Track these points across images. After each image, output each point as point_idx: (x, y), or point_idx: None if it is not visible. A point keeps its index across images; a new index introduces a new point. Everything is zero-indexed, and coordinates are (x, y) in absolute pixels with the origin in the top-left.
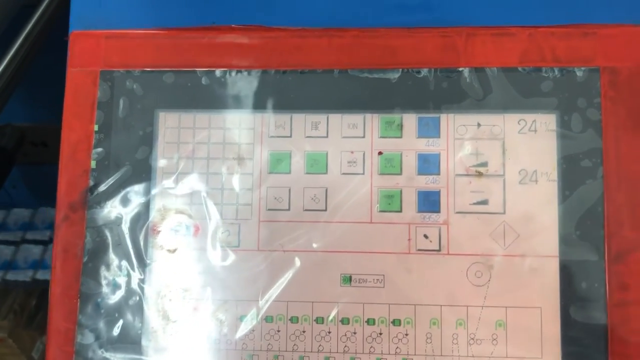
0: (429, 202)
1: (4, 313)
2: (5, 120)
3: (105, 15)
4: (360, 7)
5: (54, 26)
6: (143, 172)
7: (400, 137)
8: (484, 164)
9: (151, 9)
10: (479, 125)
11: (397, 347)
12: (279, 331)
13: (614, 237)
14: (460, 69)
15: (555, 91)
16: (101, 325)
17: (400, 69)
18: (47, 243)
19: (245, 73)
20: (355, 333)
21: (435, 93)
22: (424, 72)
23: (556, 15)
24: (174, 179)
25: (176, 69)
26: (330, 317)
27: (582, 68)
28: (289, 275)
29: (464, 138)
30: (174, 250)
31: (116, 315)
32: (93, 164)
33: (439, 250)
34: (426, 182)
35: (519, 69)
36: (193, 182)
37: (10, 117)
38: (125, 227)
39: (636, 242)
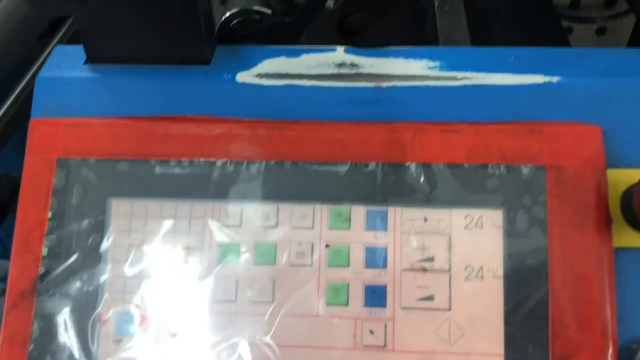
0: (376, 296)
1: None
2: (1, 171)
3: (67, 102)
4: (312, 99)
5: None
6: (93, 260)
7: (349, 229)
8: (431, 259)
9: (113, 97)
10: (425, 219)
11: None
12: None
13: (559, 338)
14: (407, 164)
15: (502, 188)
16: None
17: (349, 162)
18: None
19: (198, 163)
20: None
21: (382, 187)
22: (372, 166)
23: (503, 111)
24: (123, 268)
25: (130, 158)
26: None
27: (528, 165)
28: None
29: (411, 232)
30: (120, 340)
31: None
32: (45, 251)
33: (384, 346)
34: (373, 276)
35: (465, 165)
36: (142, 271)
37: (6, 168)
38: (73, 315)
39: (581, 344)
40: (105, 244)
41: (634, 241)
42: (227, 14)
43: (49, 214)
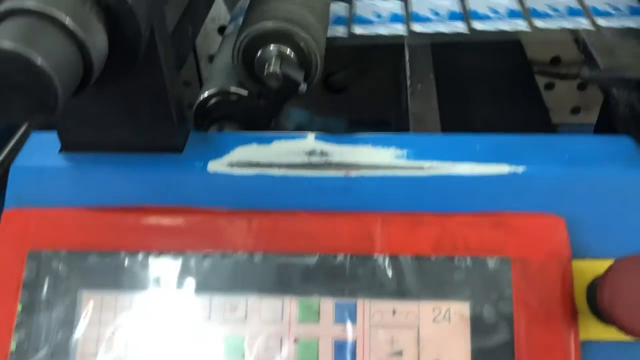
0: None
1: None
2: None
3: (41, 192)
4: (282, 189)
5: None
6: (62, 354)
7: (318, 322)
8: (399, 353)
9: (87, 187)
10: (394, 312)
11: None
12: None
13: None
14: (375, 256)
15: (468, 281)
16: None
17: (318, 254)
18: None
19: (167, 255)
20: None
21: (351, 279)
22: (340, 257)
23: (469, 201)
24: None
25: (101, 250)
26: None
27: (494, 258)
28: None
29: (380, 325)
30: None
31: None
32: (13, 345)
33: None
34: None
35: (432, 258)
36: None
37: None
38: None
39: None
40: (74, 338)
41: (600, 334)
42: (206, 94)
43: (19, 307)
